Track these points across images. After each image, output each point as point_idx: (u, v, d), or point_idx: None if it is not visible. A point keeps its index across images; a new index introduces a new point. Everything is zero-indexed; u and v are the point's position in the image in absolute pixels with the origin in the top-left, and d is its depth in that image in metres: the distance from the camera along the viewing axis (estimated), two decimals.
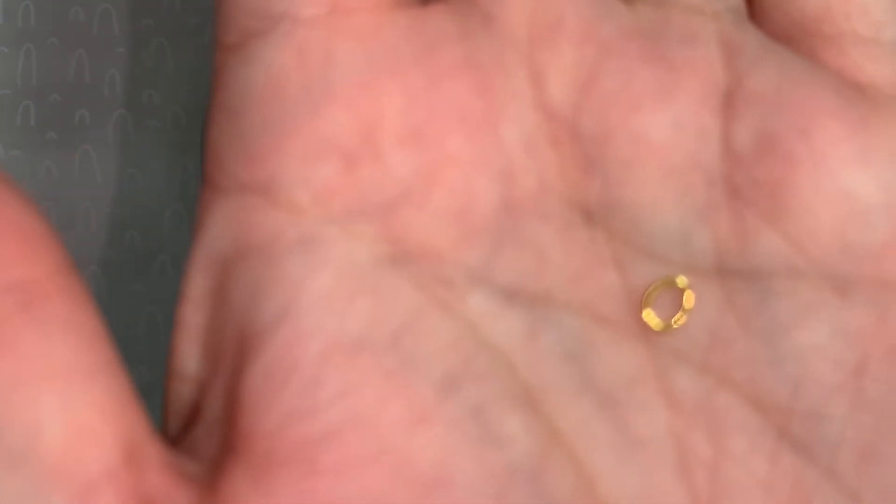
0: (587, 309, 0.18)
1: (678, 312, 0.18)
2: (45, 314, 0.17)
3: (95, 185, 0.26)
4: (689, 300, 0.18)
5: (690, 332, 0.19)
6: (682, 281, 0.18)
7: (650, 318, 0.18)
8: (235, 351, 0.18)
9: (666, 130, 0.19)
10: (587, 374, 0.18)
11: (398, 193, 0.18)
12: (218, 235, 0.18)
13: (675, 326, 0.18)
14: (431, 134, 0.18)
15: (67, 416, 0.16)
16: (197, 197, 0.26)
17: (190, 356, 0.18)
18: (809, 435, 0.18)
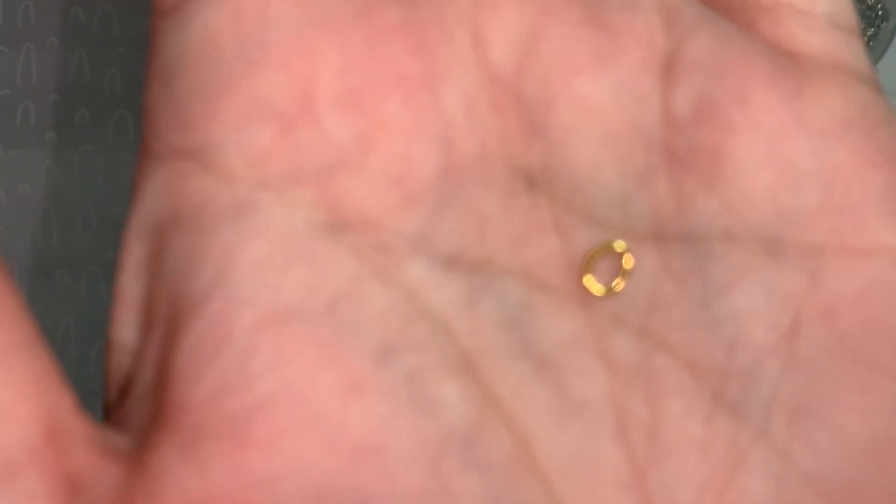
0: (528, 275, 0.18)
1: (618, 277, 0.19)
2: None
3: (95, 184, 0.26)
4: (628, 264, 0.19)
5: (629, 296, 0.19)
6: (621, 245, 0.19)
7: (590, 283, 0.19)
8: (167, 320, 0.17)
9: (607, 95, 0.19)
10: (526, 339, 0.18)
11: (335, 158, 0.18)
12: (152, 203, 0.18)
13: (615, 291, 0.19)
14: (369, 97, 0.18)
15: None
16: None
17: (127, 326, 0.18)
18: (743, 396, 0.19)
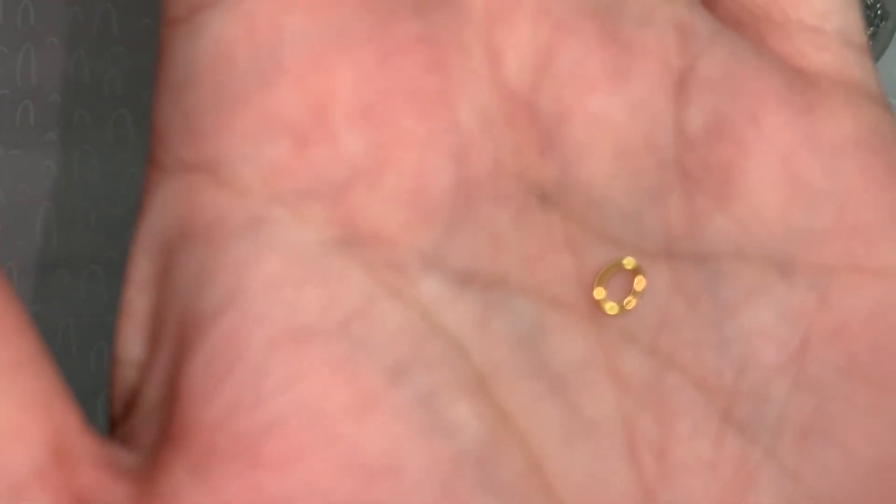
0: (540, 292, 0.18)
1: (629, 295, 0.18)
2: None
3: (95, 184, 0.26)
4: (639, 283, 0.18)
5: (641, 314, 0.18)
6: (632, 263, 0.18)
7: (602, 300, 0.18)
8: (177, 337, 0.17)
9: (621, 112, 0.18)
10: (539, 357, 0.18)
11: (349, 174, 0.17)
12: (162, 217, 0.17)
13: (626, 309, 0.18)
14: (384, 112, 0.17)
15: None
16: None
17: (133, 341, 0.18)
18: (752, 416, 0.18)
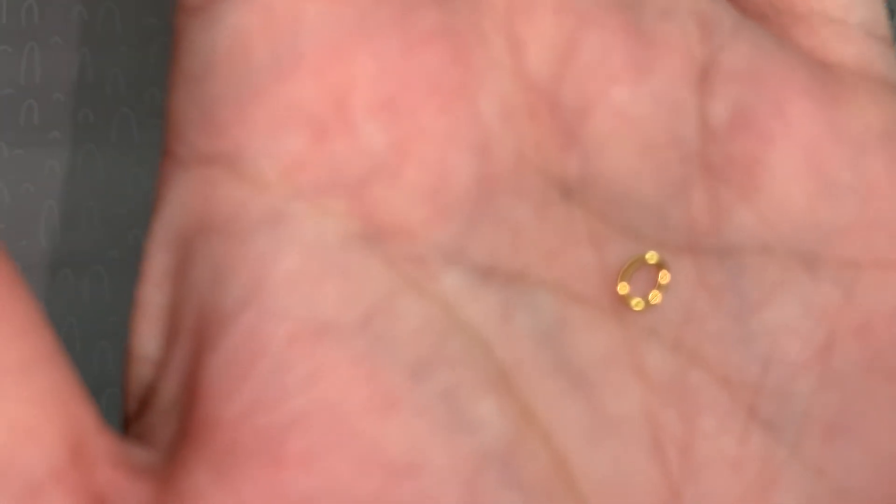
0: (562, 287, 0.18)
1: (653, 290, 0.18)
2: None
3: (99, 184, 0.26)
4: (664, 278, 0.18)
5: (664, 309, 0.18)
6: (655, 258, 0.18)
7: (626, 296, 0.18)
8: (195, 333, 0.17)
9: (644, 105, 0.18)
10: (561, 353, 0.18)
11: (370, 168, 0.17)
12: (178, 210, 0.17)
13: (650, 304, 0.18)
14: (405, 104, 0.17)
15: (1, 414, 0.16)
16: None
17: (149, 337, 0.17)
18: (777, 412, 0.18)
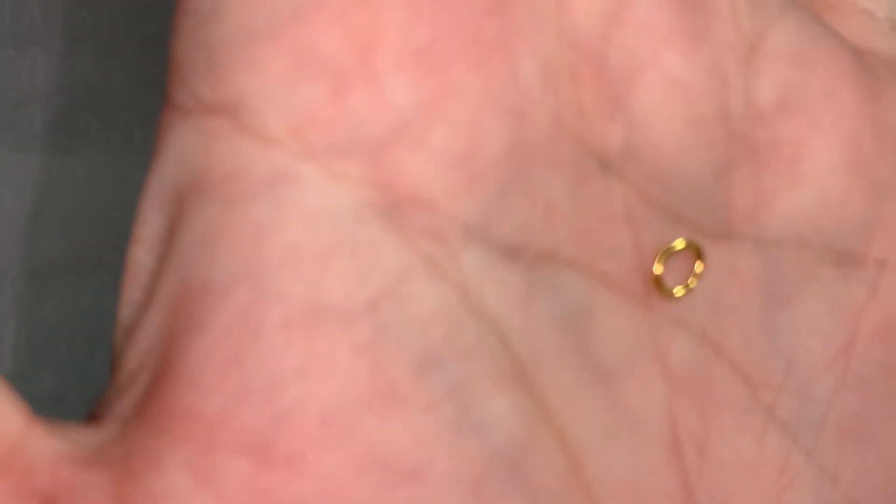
0: (591, 270, 0.16)
1: (687, 278, 0.17)
2: None
3: (101, 188, 0.26)
4: (699, 267, 0.17)
5: (694, 299, 0.17)
6: (692, 245, 0.17)
7: (660, 283, 0.17)
8: (174, 304, 0.15)
9: (696, 74, 0.17)
10: (584, 343, 0.16)
11: (392, 128, 0.15)
12: (175, 165, 0.15)
13: (682, 293, 0.17)
14: (436, 58, 0.15)
15: None
16: None
17: (132, 303, 0.16)
18: (796, 414, 0.17)
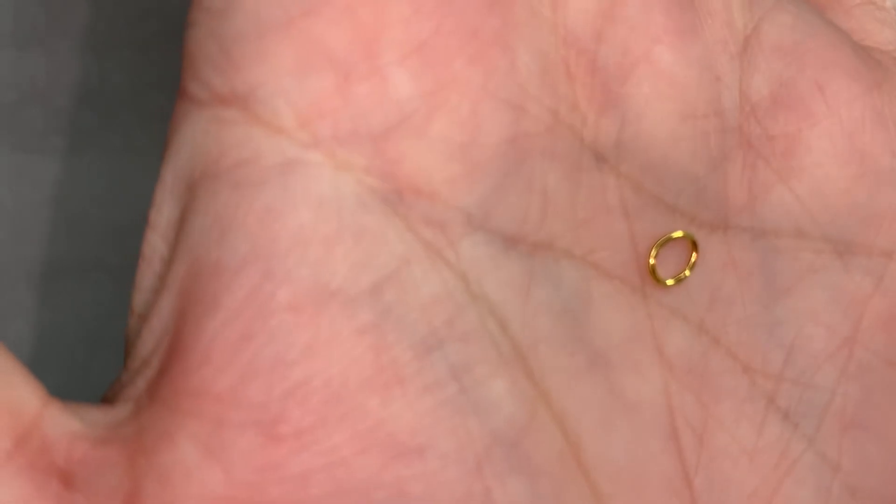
0: (589, 259, 0.17)
1: (683, 268, 0.18)
2: None
3: (102, 189, 0.26)
4: (693, 257, 0.18)
5: (690, 289, 0.17)
6: (688, 235, 0.18)
7: (655, 271, 0.17)
8: (185, 286, 0.16)
9: (688, 69, 0.17)
10: (582, 330, 0.17)
11: (396, 118, 0.16)
12: (189, 152, 0.16)
13: (677, 283, 0.17)
14: (437, 51, 0.16)
15: None
16: None
17: (145, 290, 0.16)
18: (797, 403, 0.18)
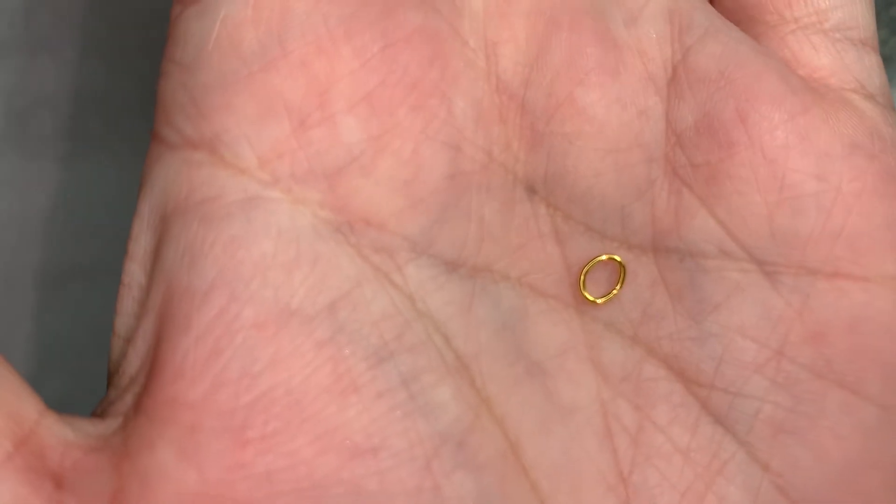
0: (525, 281, 0.19)
1: (613, 287, 0.19)
2: None
3: (109, 195, 0.27)
4: (622, 275, 0.19)
5: (624, 305, 0.19)
6: (616, 256, 0.19)
7: (584, 292, 0.19)
8: (161, 310, 0.18)
9: (609, 108, 0.19)
10: (520, 343, 0.18)
11: (346, 159, 0.18)
12: (161, 190, 0.18)
13: (608, 300, 0.19)
14: (383, 101, 0.18)
15: None
16: None
17: (129, 316, 0.18)
18: (728, 409, 0.19)
